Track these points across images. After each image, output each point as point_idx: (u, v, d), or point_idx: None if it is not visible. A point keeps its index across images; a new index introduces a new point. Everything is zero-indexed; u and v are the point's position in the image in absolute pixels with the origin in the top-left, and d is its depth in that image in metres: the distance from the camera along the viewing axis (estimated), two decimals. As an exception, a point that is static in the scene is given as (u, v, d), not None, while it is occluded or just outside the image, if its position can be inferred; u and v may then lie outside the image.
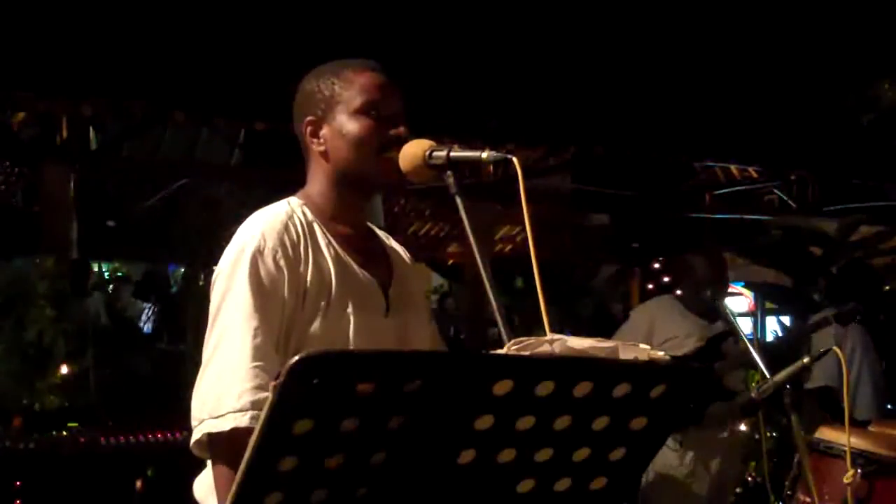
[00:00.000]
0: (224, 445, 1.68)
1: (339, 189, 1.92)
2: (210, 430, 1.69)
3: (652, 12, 5.04)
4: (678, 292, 4.36)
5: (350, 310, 1.84)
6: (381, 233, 2.07)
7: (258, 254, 1.77)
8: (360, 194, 1.97)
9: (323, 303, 1.82)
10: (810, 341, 4.65)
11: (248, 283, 1.75)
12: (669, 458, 3.98)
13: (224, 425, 1.67)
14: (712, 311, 4.17)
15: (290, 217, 1.86)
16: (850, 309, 4.26)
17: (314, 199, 1.93)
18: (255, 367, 1.70)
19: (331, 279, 1.84)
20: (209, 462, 1.83)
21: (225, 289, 1.77)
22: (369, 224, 2.03)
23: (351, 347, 1.80)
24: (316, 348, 1.75)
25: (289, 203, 1.91)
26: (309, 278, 1.81)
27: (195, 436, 1.73)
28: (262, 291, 1.76)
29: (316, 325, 1.80)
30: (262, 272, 1.77)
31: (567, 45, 5.07)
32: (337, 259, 1.87)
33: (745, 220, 8.59)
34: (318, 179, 1.93)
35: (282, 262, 1.79)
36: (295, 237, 1.83)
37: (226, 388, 1.69)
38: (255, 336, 1.72)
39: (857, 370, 4.72)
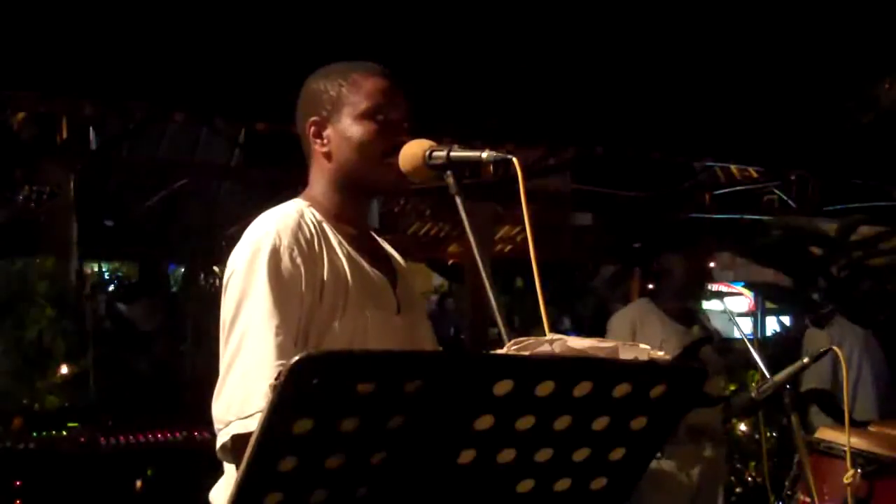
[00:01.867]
0: None
1: (342, 190, 1.91)
2: (238, 432, 1.64)
3: (652, 12, 5.04)
4: (656, 295, 4.28)
5: (367, 308, 1.84)
6: (375, 235, 2.07)
7: (275, 251, 1.75)
8: (363, 196, 1.97)
9: (341, 301, 1.80)
10: (801, 345, 4.65)
11: (268, 281, 1.73)
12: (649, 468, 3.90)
13: (253, 426, 1.57)
14: (690, 316, 4.13)
15: (302, 216, 1.85)
16: (825, 313, 4.23)
17: (318, 199, 1.92)
18: (281, 365, 1.64)
19: (346, 278, 1.83)
20: (227, 468, 1.80)
21: (243, 288, 1.74)
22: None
23: (370, 345, 1.80)
24: (325, 347, 1.74)
25: (296, 203, 1.90)
26: (325, 276, 1.80)
27: (222, 439, 1.68)
28: (282, 289, 1.74)
29: (335, 323, 1.79)
30: (281, 269, 1.75)
31: (567, 45, 5.07)
32: (350, 258, 1.86)
33: (745, 220, 8.58)
34: (320, 180, 1.93)
35: (298, 260, 1.77)
36: (308, 235, 1.82)
37: (252, 388, 1.66)
38: (277, 334, 1.70)
39: (856, 372, 4.71)
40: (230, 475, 1.78)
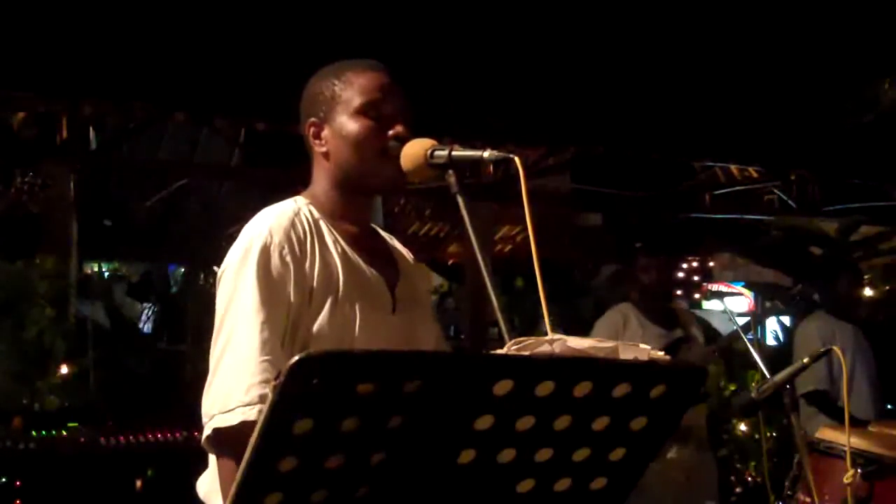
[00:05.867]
0: (232, 440, 1.66)
1: (342, 189, 1.92)
2: (219, 425, 1.69)
3: (651, 12, 5.04)
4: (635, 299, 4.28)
5: (357, 307, 1.84)
6: (384, 233, 2.08)
7: (265, 250, 1.78)
8: (363, 194, 1.97)
9: (330, 299, 1.81)
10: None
11: (256, 278, 1.75)
12: None
13: (233, 419, 1.67)
14: (671, 318, 4.14)
15: (297, 214, 1.86)
16: (794, 291, 4.23)
17: (319, 198, 1.93)
18: (264, 360, 1.70)
19: (338, 276, 1.84)
20: (212, 461, 1.82)
21: (233, 286, 1.78)
22: (373, 224, 2.04)
23: (357, 344, 1.80)
24: (320, 346, 1.75)
25: (295, 201, 1.91)
26: (316, 275, 1.81)
27: (206, 432, 1.72)
28: (270, 287, 1.76)
29: (323, 321, 1.80)
30: (270, 267, 1.77)
31: (567, 45, 5.07)
32: (344, 256, 1.87)
33: (745, 220, 8.59)
34: (321, 180, 1.94)
35: (288, 258, 1.79)
36: (301, 234, 1.83)
37: (235, 382, 1.70)
38: (262, 330, 1.73)
39: (849, 370, 4.70)
40: (214, 466, 1.80)
